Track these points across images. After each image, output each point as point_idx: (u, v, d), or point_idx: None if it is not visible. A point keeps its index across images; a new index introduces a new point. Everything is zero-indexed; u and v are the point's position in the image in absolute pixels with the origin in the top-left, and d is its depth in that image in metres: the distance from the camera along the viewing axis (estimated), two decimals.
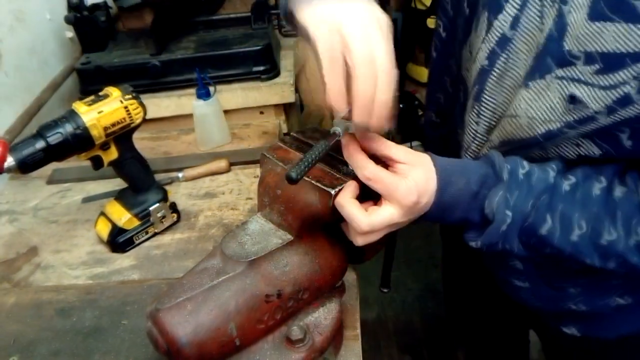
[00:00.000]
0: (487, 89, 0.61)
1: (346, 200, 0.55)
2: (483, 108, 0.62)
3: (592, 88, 0.50)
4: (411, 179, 0.55)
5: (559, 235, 0.58)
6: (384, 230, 0.57)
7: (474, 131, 0.66)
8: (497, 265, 0.77)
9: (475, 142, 0.66)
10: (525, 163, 0.60)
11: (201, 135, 1.17)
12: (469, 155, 0.68)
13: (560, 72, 0.53)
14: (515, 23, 0.55)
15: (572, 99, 0.52)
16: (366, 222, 0.54)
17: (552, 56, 0.53)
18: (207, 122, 1.15)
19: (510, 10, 0.55)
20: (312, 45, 0.51)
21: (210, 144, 1.17)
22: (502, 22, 0.56)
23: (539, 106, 0.56)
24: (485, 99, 0.62)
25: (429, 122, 0.87)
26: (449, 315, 1.32)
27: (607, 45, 0.48)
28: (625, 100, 0.49)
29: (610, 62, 0.48)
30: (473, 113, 0.64)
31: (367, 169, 0.55)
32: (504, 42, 0.57)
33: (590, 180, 0.58)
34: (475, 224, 0.60)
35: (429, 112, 0.86)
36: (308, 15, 0.52)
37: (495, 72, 0.59)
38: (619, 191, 0.57)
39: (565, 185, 0.58)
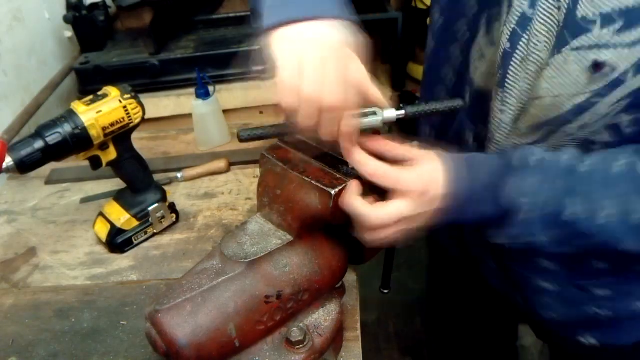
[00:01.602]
0: (510, 73, 0.59)
1: (352, 198, 0.55)
2: (507, 94, 0.60)
3: (616, 48, 0.49)
4: (414, 170, 0.55)
5: (584, 219, 0.55)
6: (395, 226, 0.56)
7: (498, 120, 0.63)
8: (521, 265, 0.74)
9: (500, 131, 0.63)
10: (536, 150, 0.58)
11: (200, 135, 1.16)
12: (493, 146, 0.65)
13: (575, 43, 0.51)
14: (534, 1, 0.54)
15: (596, 66, 0.50)
16: (374, 215, 0.54)
17: (566, 28, 0.51)
18: (207, 122, 1.15)
19: None
20: (275, 69, 0.53)
21: (209, 144, 1.17)
22: (522, 1, 0.55)
23: (561, 83, 0.54)
24: (509, 84, 0.59)
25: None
26: (430, 329, 1.28)
27: (625, 0, 0.46)
28: None
29: (632, 17, 0.47)
30: (497, 101, 0.62)
31: (368, 165, 0.54)
32: (524, 22, 0.55)
33: (607, 161, 0.56)
34: (492, 219, 0.59)
35: None
36: (276, 40, 0.54)
37: (517, 55, 0.57)
38: None
39: (581, 167, 0.56)
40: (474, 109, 0.70)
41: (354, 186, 0.56)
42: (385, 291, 0.78)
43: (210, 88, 1.13)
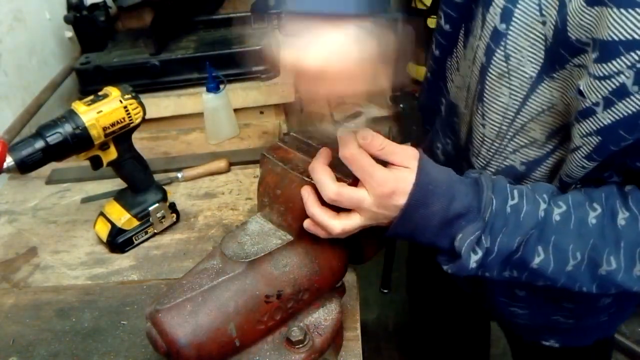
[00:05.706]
0: (487, 87, 0.59)
1: (319, 166, 0.55)
2: (487, 109, 0.60)
3: (589, 78, 0.49)
4: (392, 172, 0.54)
5: (553, 267, 0.56)
6: (350, 214, 0.56)
7: (481, 135, 0.63)
8: (496, 293, 0.75)
9: (485, 147, 0.63)
10: (515, 192, 0.57)
11: (211, 129, 1.18)
12: (480, 162, 0.65)
13: (576, 60, 0.51)
14: (506, 15, 0.54)
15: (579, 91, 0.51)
16: (334, 189, 0.54)
17: (563, 46, 0.51)
18: (217, 115, 1.16)
19: (498, 2, 0.54)
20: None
21: (220, 136, 1.19)
22: (493, 15, 0.55)
23: (567, 94, 0.54)
24: (487, 98, 0.59)
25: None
26: (413, 318, 1.28)
27: (602, 32, 0.46)
28: (621, 91, 0.47)
29: (606, 49, 0.47)
30: (478, 115, 0.62)
31: (348, 149, 0.54)
32: (497, 36, 0.56)
33: (583, 207, 0.56)
34: (444, 251, 0.58)
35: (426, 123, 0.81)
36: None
37: (493, 70, 0.57)
38: (622, 218, 0.55)
39: (556, 215, 0.56)
40: (447, 121, 0.70)
41: (324, 153, 0.57)
42: (385, 291, 0.78)
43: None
